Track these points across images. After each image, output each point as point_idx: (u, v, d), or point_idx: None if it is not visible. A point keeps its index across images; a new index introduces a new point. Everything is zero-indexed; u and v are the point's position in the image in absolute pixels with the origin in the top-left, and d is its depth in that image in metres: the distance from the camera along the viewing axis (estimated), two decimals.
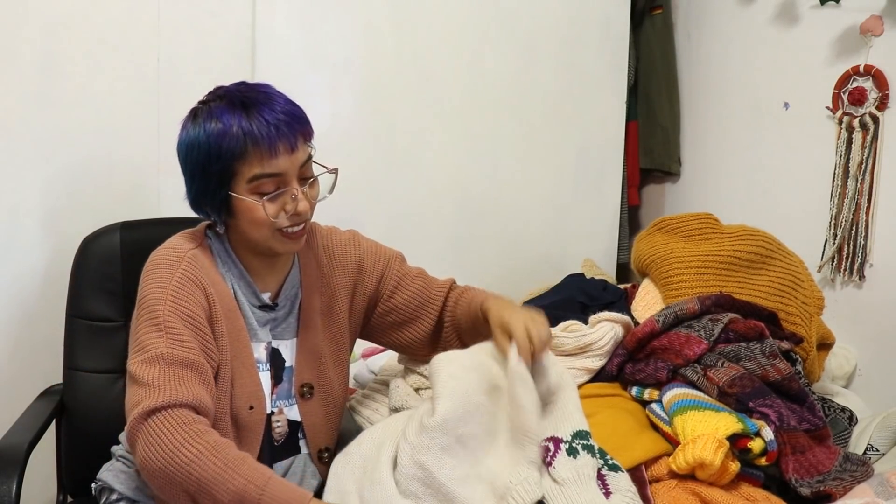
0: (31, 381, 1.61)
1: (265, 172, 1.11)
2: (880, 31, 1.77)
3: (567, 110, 2.24)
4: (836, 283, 1.90)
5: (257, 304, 1.23)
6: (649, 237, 1.73)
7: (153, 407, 1.01)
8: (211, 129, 1.10)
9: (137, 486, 1.24)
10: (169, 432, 1.00)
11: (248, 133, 1.09)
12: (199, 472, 0.97)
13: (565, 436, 1.11)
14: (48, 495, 1.64)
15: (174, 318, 1.09)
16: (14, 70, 1.64)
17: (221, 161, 1.10)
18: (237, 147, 1.09)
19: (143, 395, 1.03)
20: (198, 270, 1.15)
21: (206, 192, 1.14)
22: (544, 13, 2.16)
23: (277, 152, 1.10)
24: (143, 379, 1.04)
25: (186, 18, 1.77)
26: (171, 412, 1.01)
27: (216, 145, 1.10)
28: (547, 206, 2.26)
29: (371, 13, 1.95)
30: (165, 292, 1.11)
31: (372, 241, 1.38)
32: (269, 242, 1.17)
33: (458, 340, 1.35)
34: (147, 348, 1.07)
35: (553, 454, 1.09)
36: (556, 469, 1.08)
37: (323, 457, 1.29)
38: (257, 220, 1.13)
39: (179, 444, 0.99)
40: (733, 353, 1.33)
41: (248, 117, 1.10)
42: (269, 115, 1.11)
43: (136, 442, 1.02)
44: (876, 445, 1.44)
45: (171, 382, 1.04)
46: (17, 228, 1.68)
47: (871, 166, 1.79)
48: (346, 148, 1.94)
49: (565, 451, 1.09)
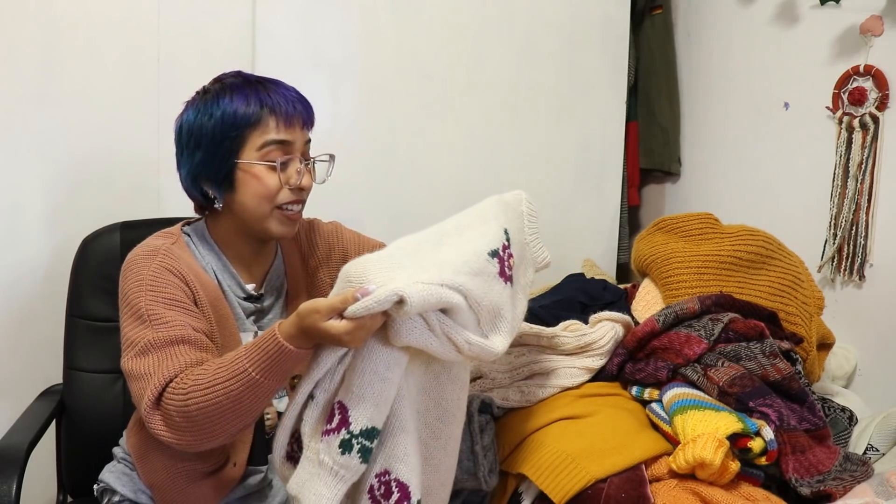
0: (31, 381, 1.61)
1: (278, 138, 1.14)
2: (880, 31, 1.77)
3: (567, 110, 2.24)
4: (836, 283, 1.90)
5: (242, 295, 1.23)
6: (649, 237, 1.73)
7: (155, 396, 1.03)
8: (226, 100, 1.13)
9: (139, 488, 1.24)
10: (175, 409, 1.01)
11: (265, 102, 1.13)
12: (214, 413, 0.99)
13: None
14: (48, 495, 1.64)
15: (155, 305, 1.10)
16: (14, 70, 1.64)
17: (236, 128, 1.12)
18: (254, 114, 1.12)
19: (143, 387, 1.04)
20: (174, 261, 1.15)
21: (211, 163, 1.15)
22: (544, 13, 2.16)
23: (293, 122, 1.15)
24: (139, 371, 1.06)
25: (186, 18, 1.77)
26: (171, 390, 1.03)
27: (231, 113, 1.12)
28: (547, 206, 2.24)
29: (371, 13, 1.95)
30: (142, 284, 1.11)
31: (354, 232, 1.39)
32: (266, 222, 1.17)
33: None
34: (135, 342, 1.08)
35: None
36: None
37: None
38: (262, 189, 1.14)
39: (189, 410, 1.00)
40: (733, 352, 1.33)
41: (265, 91, 1.14)
42: (284, 91, 1.16)
43: (158, 432, 1.03)
44: (876, 445, 1.44)
45: (163, 363, 1.05)
46: (17, 228, 1.68)
47: (871, 166, 1.79)
48: (347, 147, 1.94)
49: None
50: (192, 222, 1.26)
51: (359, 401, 0.95)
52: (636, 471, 1.19)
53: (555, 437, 1.26)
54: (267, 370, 0.97)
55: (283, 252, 1.30)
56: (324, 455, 0.95)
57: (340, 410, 0.95)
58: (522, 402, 1.36)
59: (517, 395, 1.37)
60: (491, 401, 1.32)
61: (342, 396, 0.96)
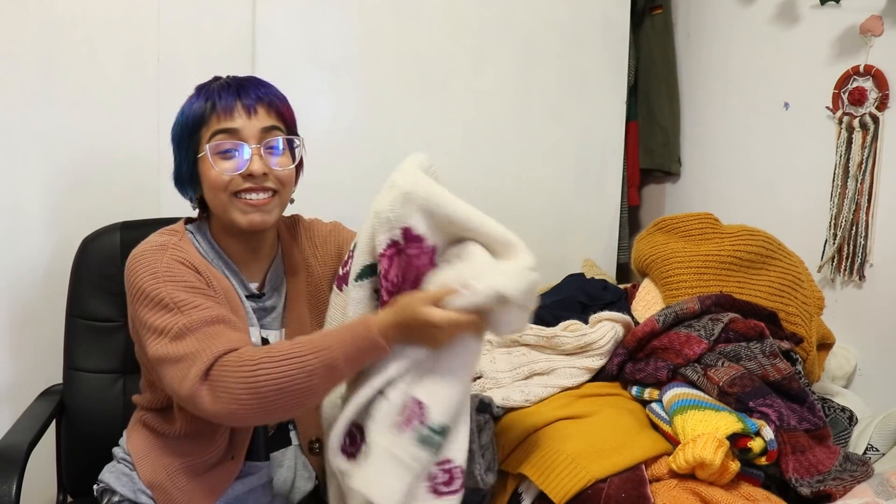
0: (31, 381, 1.61)
1: (221, 128, 1.16)
2: (880, 31, 1.77)
3: (567, 110, 2.24)
4: (836, 283, 1.90)
5: (245, 293, 1.24)
6: (649, 237, 1.73)
7: (204, 369, 1.02)
8: (188, 102, 1.19)
9: (139, 488, 1.24)
10: (233, 380, 1.00)
11: (209, 97, 1.17)
12: (285, 386, 0.99)
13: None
14: (48, 495, 1.64)
15: (178, 292, 1.09)
16: (14, 70, 1.64)
17: (189, 126, 1.17)
18: (199, 109, 1.17)
19: (189, 366, 1.03)
20: (185, 254, 1.16)
21: (182, 164, 1.21)
22: (544, 13, 2.16)
23: (233, 110, 1.16)
24: (179, 353, 1.05)
25: (186, 18, 1.77)
26: (224, 363, 1.02)
27: (188, 114, 1.18)
28: (547, 206, 2.25)
29: (371, 13, 1.95)
30: (158, 275, 1.11)
31: (354, 232, 1.39)
32: (229, 213, 1.17)
33: None
34: (166, 329, 1.07)
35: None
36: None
37: (314, 448, 1.30)
38: (212, 178, 1.16)
39: (258, 380, 0.99)
40: (733, 352, 1.33)
41: (219, 88, 1.18)
42: (234, 83, 1.19)
43: (204, 405, 1.02)
44: (876, 445, 1.44)
45: (206, 341, 1.05)
46: (17, 228, 1.68)
47: (871, 166, 1.79)
48: (347, 147, 1.95)
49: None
50: (193, 220, 1.27)
51: (437, 398, 1.02)
52: (636, 471, 1.19)
53: (555, 437, 1.26)
54: (350, 357, 1.00)
55: (283, 252, 1.30)
56: (397, 449, 1.01)
57: (418, 406, 1.02)
58: (522, 401, 1.37)
59: (517, 395, 1.37)
60: (491, 400, 1.32)
61: (419, 394, 1.02)
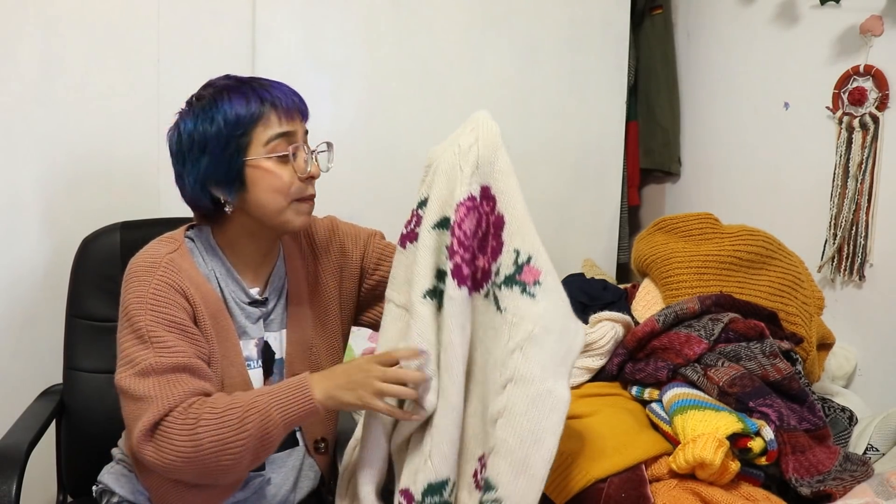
0: (31, 381, 1.61)
1: (283, 131, 1.15)
2: (880, 31, 1.77)
3: (567, 110, 2.24)
4: (836, 283, 1.90)
5: (246, 300, 1.23)
6: (649, 237, 1.73)
7: (155, 420, 1.05)
8: (225, 103, 1.13)
9: (138, 490, 1.24)
10: (176, 434, 1.05)
11: (265, 98, 1.14)
12: (217, 448, 1.04)
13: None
14: (48, 495, 1.64)
15: (156, 326, 1.10)
16: (14, 70, 1.64)
17: (240, 127, 1.13)
18: (256, 111, 1.13)
19: (143, 409, 1.06)
20: (175, 274, 1.15)
21: (219, 166, 1.14)
22: (544, 13, 2.16)
23: (293, 114, 1.16)
24: (138, 392, 1.07)
25: (186, 18, 1.77)
26: (172, 416, 1.05)
27: (234, 114, 1.12)
28: (547, 205, 2.26)
29: (372, 13, 1.95)
30: (144, 301, 1.11)
31: (349, 224, 1.39)
32: (284, 215, 1.17)
33: None
34: (135, 361, 1.08)
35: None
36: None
37: (319, 447, 1.30)
38: (277, 182, 1.15)
39: (187, 439, 1.04)
40: (733, 352, 1.33)
41: (262, 88, 1.15)
42: (279, 86, 1.18)
43: (146, 454, 1.06)
44: (876, 445, 1.44)
45: (165, 388, 1.07)
46: (16, 228, 1.68)
47: (871, 166, 1.79)
48: (347, 147, 1.93)
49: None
50: (195, 226, 1.26)
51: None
52: (636, 471, 1.19)
53: None
54: (282, 407, 1.07)
55: (284, 251, 1.30)
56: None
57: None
58: None
59: None
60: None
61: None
